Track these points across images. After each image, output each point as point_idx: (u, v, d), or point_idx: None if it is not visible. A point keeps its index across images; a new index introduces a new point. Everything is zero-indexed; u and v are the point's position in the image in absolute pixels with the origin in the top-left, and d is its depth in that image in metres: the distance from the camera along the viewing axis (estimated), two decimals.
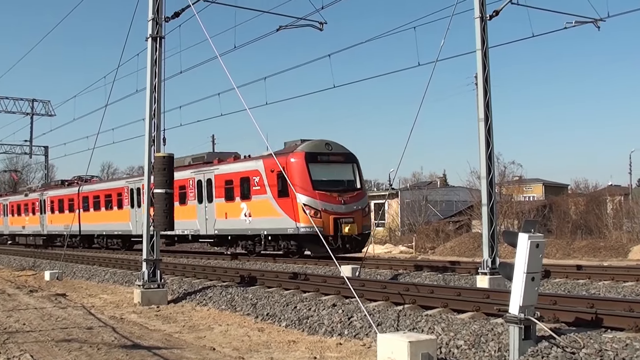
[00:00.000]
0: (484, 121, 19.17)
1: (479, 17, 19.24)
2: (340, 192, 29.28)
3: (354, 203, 29.42)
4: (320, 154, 29.84)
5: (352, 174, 30.56)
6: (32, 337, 12.41)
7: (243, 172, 31.83)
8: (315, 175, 28.94)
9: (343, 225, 28.25)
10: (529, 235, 9.33)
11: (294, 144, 30.43)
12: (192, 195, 34.90)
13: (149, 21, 18.63)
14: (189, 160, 36.80)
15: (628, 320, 10.74)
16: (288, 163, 28.92)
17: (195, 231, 34.83)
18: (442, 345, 10.45)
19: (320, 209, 28.30)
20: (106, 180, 59.49)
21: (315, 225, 25.66)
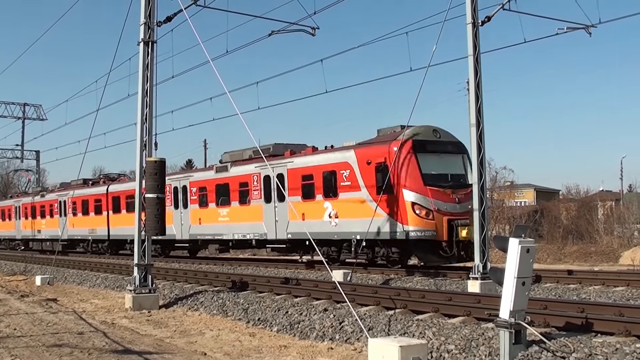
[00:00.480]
0: (475, 127, 19.23)
1: (470, 22, 19.29)
2: (453, 188, 24.40)
3: (469, 202, 23.27)
4: (429, 142, 25.02)
5: (462, 166, 25.51)
6: (22, 342, 12.37)
7: (327, 165, 26.84)
8: (426, 168, 24.21)
9: (460, 228, 23.17)
10: (520, 240, 9.38)
11: (393, 130, 25.79)
12: (257, 193, 29.92)
13: (141, 25, 18.63)
14: (250, 153, 31.64)
15: (618, 324, 10.78)
16: (391, 153, 24.16)
17: (261, 235, 29.80)
18: (433, 350, 10.47)
19: (432, 208, 23.50)
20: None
21: (427, 229, 22.69)
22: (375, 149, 24.16)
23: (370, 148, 24.77)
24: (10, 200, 59.87)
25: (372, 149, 24.61)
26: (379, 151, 24.09)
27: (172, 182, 34.65)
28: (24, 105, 61.34)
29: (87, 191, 45.17)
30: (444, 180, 24.51)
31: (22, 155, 65.57)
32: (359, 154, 25.29)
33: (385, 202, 24.00)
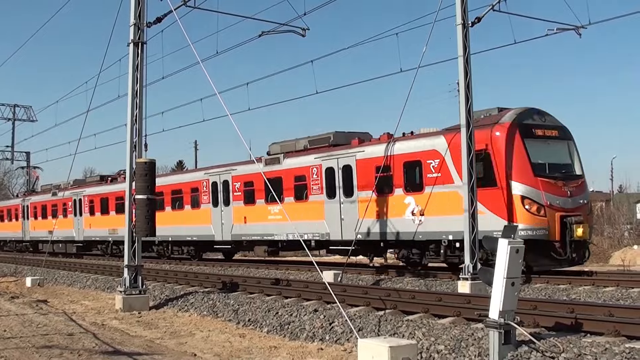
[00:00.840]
0: (465, 127, 19.25)
1: (460, 23, 19.33)
2: (565, 179, 21.36)
3: (580, 196, 21.37)
4: (536, 126, 21.75)
5: (569, 154, 22.45)
6: (12, 343, 12.34)
7: (410, 153, 23.29)
8: (535, 156, 21.10)
9: (574, 226, 20.18)
10: (509, 241, 9.40)
11: (487, 113, 22.38)
12: (317, 187, 26.43)
13: (131, 26, 18.60)
14: (305, 143, 28.53)
15: (607, 324, 10.84)
16: (493, 139, 20.91)
17: (322, 235, 26.15)
18: (423, 350, 10.48)
19: (544, 203, 20.41)
20: (170, 174, 45.07)
21: (539, 227, 20.00)
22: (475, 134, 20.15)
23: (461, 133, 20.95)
24: (17, 199, 56.45)
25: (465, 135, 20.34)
26: (478, 137, 20.23)
27: (210, 177, 32.40)
28: (14, 106, 61.07)
29: (108, 189, 41.40)
30: (554, 170, 21.53)
31: (12, 156, 65.20)
32: (452, 140, 21.65)
33: (488, 197, 20.64)
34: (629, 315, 11.60)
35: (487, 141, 20.80)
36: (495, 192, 20.63)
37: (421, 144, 23.07)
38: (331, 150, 26.33)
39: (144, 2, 18.73)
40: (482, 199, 20.14)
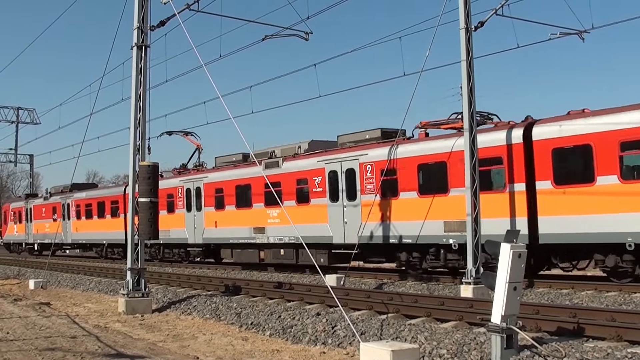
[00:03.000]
0: (468, 132, 19.28)
1: (464, 28, 19.36)
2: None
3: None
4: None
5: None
6: (15, 345, 12.36)
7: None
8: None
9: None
10: (511, 245, 9.41)
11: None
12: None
13: (135, 30, 18.65)
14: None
15: (610, 329, 10.84)
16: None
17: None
18: (425, 355, 10.48)
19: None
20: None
21: None
22: None
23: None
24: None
25: None
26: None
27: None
28: (17, 109, 61.20)
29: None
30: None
31: (15, 159, 65.34)
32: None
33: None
34: (631, 320, 11.60)
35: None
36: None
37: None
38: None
39: (148, 6, 18.77)
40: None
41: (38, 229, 52.26)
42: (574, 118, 19.50)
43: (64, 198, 48.00)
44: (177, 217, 34.94)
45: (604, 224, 18.24)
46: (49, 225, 49.85)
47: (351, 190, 25.26)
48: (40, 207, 52.27)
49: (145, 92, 18.60)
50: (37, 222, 52.75)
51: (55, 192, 51.20)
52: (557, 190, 19.35)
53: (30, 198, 55.85)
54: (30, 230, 54.07)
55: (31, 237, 54.04)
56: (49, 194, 51.76)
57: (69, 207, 47.30)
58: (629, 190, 17.88)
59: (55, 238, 42.12)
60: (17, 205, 58.66)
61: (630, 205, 17.78)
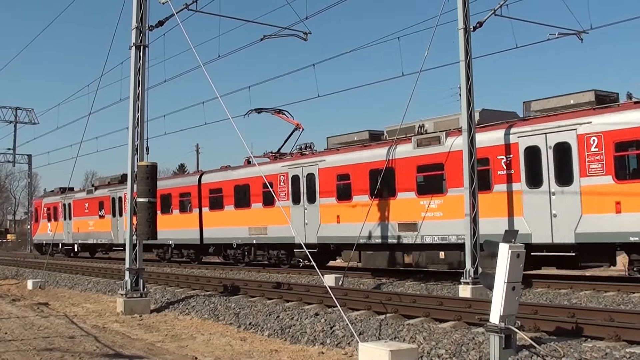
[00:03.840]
0: (467, 132, 19.27)
1: (462, 28, 19.36)
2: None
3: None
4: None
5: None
6: (13, 346, 12.36)
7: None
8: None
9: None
10: (510, 245, 9.41)
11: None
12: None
13: (133, 30, 18.64)
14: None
15: (608, 329, 10.84)
16: None
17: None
18: (424, 355, 10.48)
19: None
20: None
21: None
22: None
23: None
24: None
25: None
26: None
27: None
28: (16, 109, 61.22)
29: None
30: None
31: (14, 159, 65.44)
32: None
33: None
34: (630, 320, 11.60)
35: None
36: None
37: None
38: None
39: (146, 6, 18.78)
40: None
41: (79, 228, 45.91)
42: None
43: (114, 191, 41.56)
44: (278, 212, 27.65)
45: None
46: (93, 223, 44.11)
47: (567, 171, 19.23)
48: (81, 202, 45.70)
49: (144, 92, 18.59)
50: (77, 220, 46.26)
51: (101, 185, 45.01)
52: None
53: (68, 192, 47.93)
54: (69, 229, 47.30)
55: (70, 237, 47.41)
56: (94, 187, 45.82)
57: (121, 202, 40.24)
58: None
59: (100, 238, 40.32)
60: (50, 200, 51.60)
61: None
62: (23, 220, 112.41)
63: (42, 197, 57.15)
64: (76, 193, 47.44)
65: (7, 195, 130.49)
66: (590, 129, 18.54)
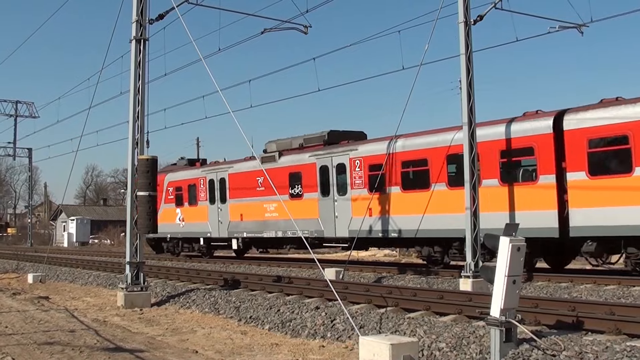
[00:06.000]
0: (467, 125, 19.27)
1: (463, 21, 19.35)
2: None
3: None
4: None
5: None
6: (14, 339, 12.36)
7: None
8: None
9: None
10: (510, 239, 9.40)
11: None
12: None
13: (133, 23, 18.60)
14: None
15: (609, 323, 10.83)
16: None
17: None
18: (424, 348, 10.48)
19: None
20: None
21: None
22: None
23: None
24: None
25: None
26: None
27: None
28: (16, 102, 61.26)
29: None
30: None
31: (14, 152, 65.48)
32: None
33: None
34: (630, 313, 11.59)
35: None
36: None
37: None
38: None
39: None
40: None
41: (245, 214, 31.74)
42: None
43: (322, 156, 27.23)
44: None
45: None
46: (275, 207, 29.54)
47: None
48: (250, 175, 31.22)
49: (144, 85, 18.57)
50: (240, 203, 31.99)
51: (292, 148, 29.59)
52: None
53: (221, 163, 34.75)
54: (225, 218, 32.76)
55: (224, 229, 33.08)
56: (278, 153, 29.62)
57: (351, 170, 25.82)
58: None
59: (289, 230, 28.37)
60: (182, 176, 36.95)
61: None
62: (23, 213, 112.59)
63: (162, 172, 37.65)
64: (236, 163, 32.99)
65: (7, 188, 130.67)
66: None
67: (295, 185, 28.24)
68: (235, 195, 32.23)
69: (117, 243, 68.78)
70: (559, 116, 19.90)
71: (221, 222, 33.25)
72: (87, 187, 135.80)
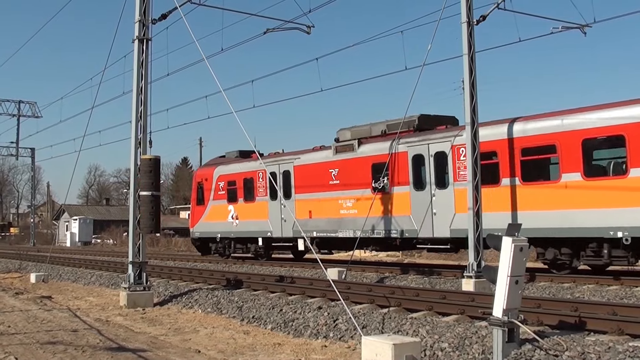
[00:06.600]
0: (470, 125, 19.26)
1: (465, 21, 19.34)
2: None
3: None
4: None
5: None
6: (17, 339, 12.36)
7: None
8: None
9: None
10: (513, 239, 9.39)
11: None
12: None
13: (136, 23, 18.60)
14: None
15: (611, 323, 10.82)
16: None
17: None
18: (427, 348, 10.49)
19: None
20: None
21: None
22: None
23: None
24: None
25: None
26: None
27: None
28: (18, 102, 61.26)
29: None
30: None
31: (17, 152, 65.50)
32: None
33: None
34: (633, 314, 11.59)
35: None
36: None
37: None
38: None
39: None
40: None
41: (315, 211, 28.50)
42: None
43: (415, 144, 24.07)
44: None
45: None
46: (353, 203, 26.52)
47: None
48: (320, 167, 28.28)
49: (147, 85, 18.57)
50: (310, 198, 28.71)
51: (372, 136, 26.61)
52: None
53: (271, 156, 31.78)
54: (289, 215, 29.02)
55: (289, 228, 29.64)
56: (357, 142, 26.47)
57: (454, 159, 22.62)
58: None
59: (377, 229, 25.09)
60: (237, 169, 33.44)
61: None
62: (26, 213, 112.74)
63: (211, 164, 36.34)
64: (303, 154, 29.77)
65: (10, 188, 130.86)
66: None
67: (379, 177, 24.30)
68: (303, 190, 28.95)
69: (120, 243, 68.75)
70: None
71: (285, 220, 29.59)
72: (90, 186, 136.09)
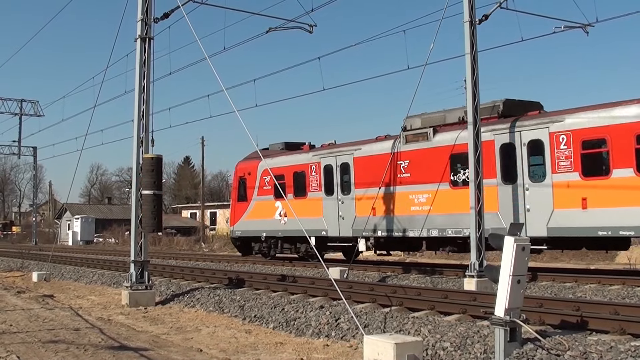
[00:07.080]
0: (472, 125, 19.25)
1: (468, 21, 19.34)
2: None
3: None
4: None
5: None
6: (19, 338, 12.37)
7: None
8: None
9: None
10: (515, 238, 9.39)
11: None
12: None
13: (138, 22, 18.60)
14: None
15: (613, 323, 10.82)
16: None
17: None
18: (429, 347, 10.49)
19: None
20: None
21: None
22: None
23: None
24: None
25: None
26: None
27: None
28: (21, 101, 61.19)
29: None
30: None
31: (19, 151, 65.50)
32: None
33: None
34: (635, 313, 11.58)
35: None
36: None
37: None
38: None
39: None
40: None
41: (379, 208, 25.28)
42: None
43: (502, 131, 21.56)
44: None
45: None
46: (426, 200, 23.79)
47: None
48: (385, 159, 24.70)
49: (149, 84, 18.57)
50: (374, 194, 24.81)
51: (447, 124, 24.17)
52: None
53: (325, 147, 28.95)
54: (348, 212, 26.66)
55: (347, 227, 26.86)
56: (432, 130, 23.92)
57: (552, 148, 20.25)
58: None
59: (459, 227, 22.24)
60: (285, 162, 30.25)
61: None
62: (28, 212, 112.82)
63: (254, 157, 31.85)
64: (364, 144, 26.75)
65: (12, 187, 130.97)
66: None
67: (459, 169, 22.55)
68: (365, 184, 25.69)
69: (122, 242, 68.78)
70: None
71: (343, 217, 26.79)
72: (92, 185, 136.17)
